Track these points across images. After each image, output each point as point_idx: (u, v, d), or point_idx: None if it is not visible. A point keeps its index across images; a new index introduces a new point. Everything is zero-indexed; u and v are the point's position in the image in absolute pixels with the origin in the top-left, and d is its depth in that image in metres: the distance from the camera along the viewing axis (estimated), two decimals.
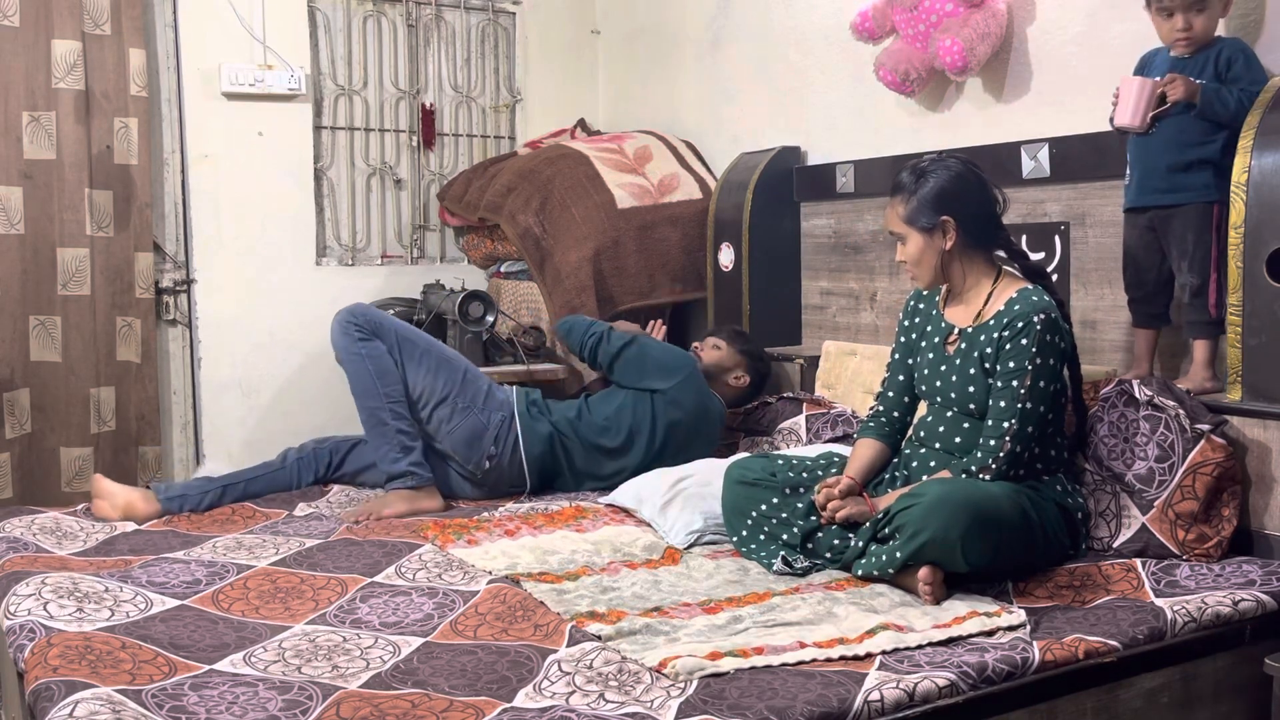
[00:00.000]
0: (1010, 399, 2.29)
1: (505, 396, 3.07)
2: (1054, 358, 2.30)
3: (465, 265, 4.55)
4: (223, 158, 4.08)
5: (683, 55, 4.28)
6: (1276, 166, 2.24)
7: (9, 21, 3.61)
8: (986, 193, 2.41)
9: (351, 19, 4.32)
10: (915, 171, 2.41)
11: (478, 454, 2.97)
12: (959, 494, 2.15)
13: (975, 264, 2.43)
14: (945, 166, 2.40)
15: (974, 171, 2.41)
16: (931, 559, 2.12)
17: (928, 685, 1.70)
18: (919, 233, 2.39)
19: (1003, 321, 2.33)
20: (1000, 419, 2.29)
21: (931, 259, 2.40)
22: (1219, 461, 2.27)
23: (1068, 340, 2.36)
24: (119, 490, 2.80)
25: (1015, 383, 2.29)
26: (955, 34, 2.90)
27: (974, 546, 2.10)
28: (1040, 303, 2.32)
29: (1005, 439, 2.27)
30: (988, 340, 2.35)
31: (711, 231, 3.78)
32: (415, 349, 3.01)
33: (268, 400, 4.19)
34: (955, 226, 2.37)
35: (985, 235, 2.41)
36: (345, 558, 2.40)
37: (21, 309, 3.66)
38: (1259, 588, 2.10)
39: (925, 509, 2.12)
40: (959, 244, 2.39)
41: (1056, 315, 2.32)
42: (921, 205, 2.37)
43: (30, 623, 1.92)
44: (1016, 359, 2.29)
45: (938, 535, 2.09)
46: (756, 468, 2.55)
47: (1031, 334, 2.28)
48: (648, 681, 1.72)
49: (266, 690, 1.71)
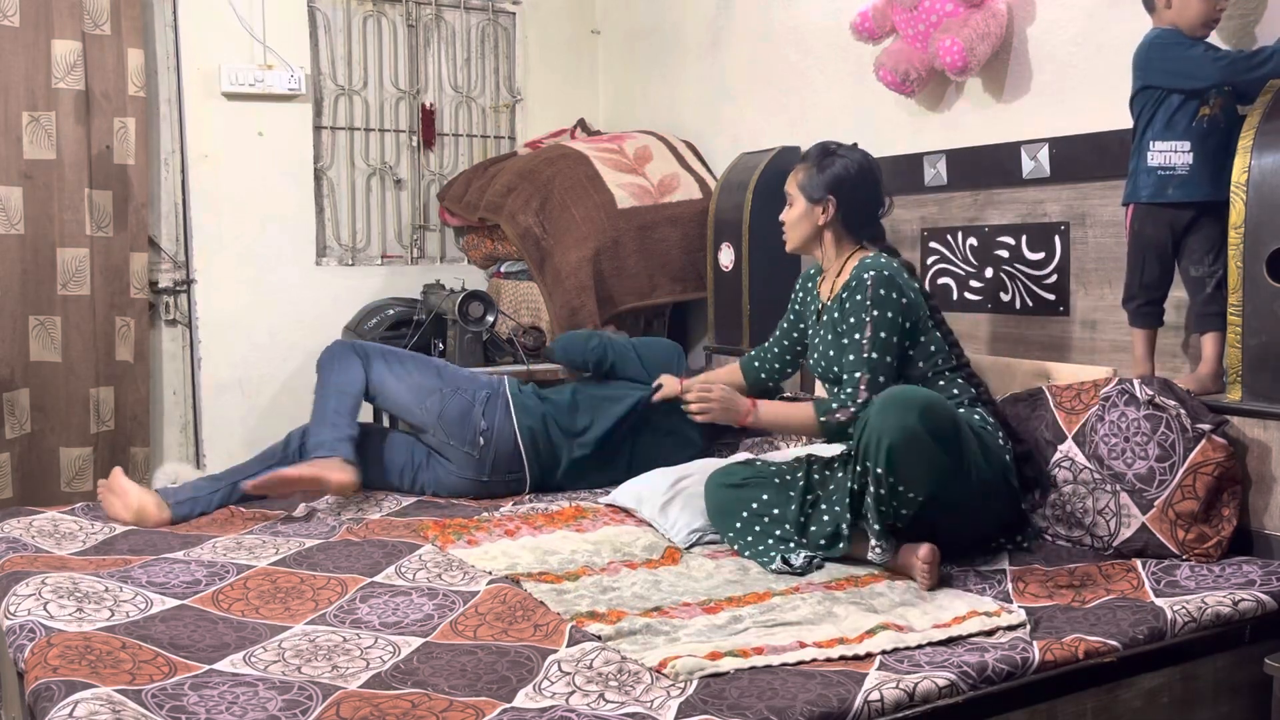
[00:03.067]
0: (856, 351, 2.45)
1: (492, 379, 3.14)
2: (891, 310, 2.44)
3: (465, 265, 4.55)
4: (223, 158, 4.08)
5: (683, 55, 4.28)
6: (1276, 166, 2.24)
7: (9, 21, 3.61)
8: (874, 191, 2.63)
9: (351, 19, 4.32)
10: (827, 150, 2.64)
11: (470, 430, 2.99)
12: (898, 392, 2.28)
13: (842, 246, 2.64)
14: (853, 158, 2.61)
15: (873, 169, 2.63)
16: (909, 460, 2.17)
17: (928, 685, 1.70)
18: (805, 201, 2.64)
19: (845, 288, 2.52)
20: (852, 370, 2.45)
21: (806, 227, 2.65)
22: (1220, 461, 2.27)
23: (909, 295, 2.48)
24: (134, 491, 2.76)
25: (858, 335, 2.46)
26: (955, 34, 2.90)
27: (939, 433, 2.19)
28: (873, 263, 2.49)
29: (860, 387, 2.42)
30: (836, 307, 2.55)
31: (711, 231, 3.78)
32: (401, 356, 3.12)
33: (268, 400, 4.19)
34: (835, 206, 2.60)
35: (858, 224, 2.63)
36: (345, 558, 2.40)
37: (21, 309, 3.66)
38: (1259, 588, 2.10)
39: (875, 414, 2.22)
40: (833, 223, 2.62)
41: (891, 273, 2.47)
42: (816, 179, 2.61)
43: (30, 623, 1.92)
44: (856, 314, 2.47)
45: (897, 428, 2.16)
46: (739, 471, 2.58)
47: (863, 289, 2.46)
48: (648, 681, 1.72)
49: (266, 690, 1.71)
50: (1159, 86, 2.40)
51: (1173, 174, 2.41)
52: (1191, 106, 2.39)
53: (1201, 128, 2.39)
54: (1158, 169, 2.42)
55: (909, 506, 2.23)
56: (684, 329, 4.23)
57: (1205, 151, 2.40)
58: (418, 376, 3.07)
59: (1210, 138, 2.39)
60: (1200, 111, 2.38)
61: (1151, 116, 2.42)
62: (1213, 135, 2.39)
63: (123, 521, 2.73)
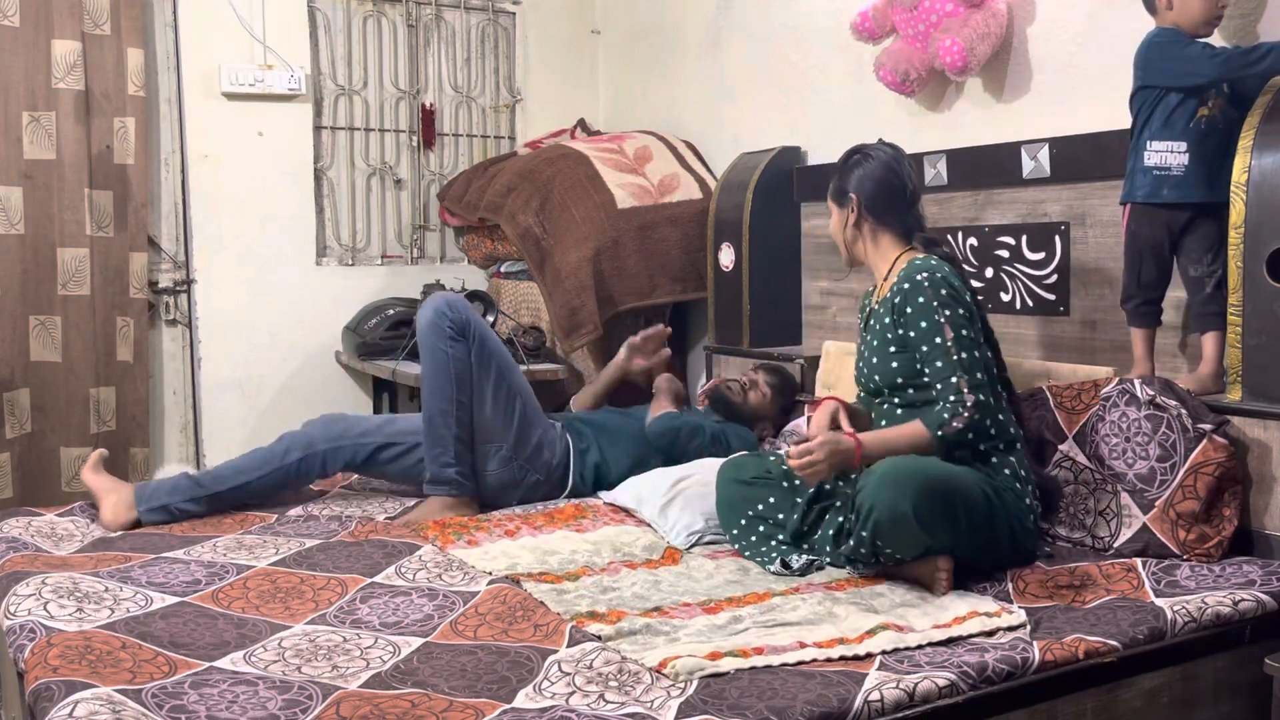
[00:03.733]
0: (942, 356, 2.31)
1: (550, 457, 2.98)
2: (961, 307, 2.35)
3: (465, 265, 4.55)
4: (223, 158, 4.08)
5: (683, 55, 4.28)
6: (1276, 166, 2.24)
7: (9, 21, 3.61)
8: (893, 174, 2.52)
9: (351, 19, 4.32)
10: (849, 153, 2.58)
11: (502, 501, 2.93)
12: (906, 465, 2.17)
13: (880, 241, 2.53)
14: (867, 152, 2.54)
15: (891, 155, 2.53)
16: (891, 536, 2.13)
17: (928, 685, 1.70)
18: (835, 207, 2.58)
19: (895, 291, 2.40)
20: (945, 377, 2.30)
21: (844, 235, 2.57)
22: (1220, 461, 2.26)
23: (968, 296, 2.39)
24: (106, 485, 2.74)
25: (938, 339, 2.32)
26: (955, 34, 2.90)
27: (929, 518, 2.11)
28: (924, 264, 2.39)
29: (964, 391, 2.28)
30: (886, 311, 2.42)
31: (711, 231, 3.78)
32: (488, 371, 2.92)
33: (268, 400, 4.19)
34: (857, 202, 2.51)
35: (886, 211, 2.52)
36: (345, 558, 2.40)
37: (21, 309, 3.66)
38: (1259, 588, 2.10)
39: (874, 485, 2.15)
40: (862, 220, 2.52)
41: (945, 274, 2.37)
42: (840, 183, 2.56)
43: (30, 623, 1.92)
44: (924, 317, 2.34)
45: (888, 508, 2.10)
46: (752, 466, 2.57)
47: (921, 290, 2.35)
48: (648, 682, 1.72)
49: (266, 689, 1.71)
50: (1157, 85, 2.40)
51: (1168, 174, 2.40)
52: (1190, 106, 2.38)
53: (1200, 128, 2.38)
54: (1154, 169, 2.41)
55: (891, 562, 2.22)
56: (684, 329, 4.23)
57: (1202, 153, 2.39)
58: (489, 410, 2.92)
59: (1208, 139, 2.38)
60: (1199, 112, 2.38)
61: (1149, 116, 2.42)
62: (1211, 136, 2.38)
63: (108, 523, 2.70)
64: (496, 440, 2.91)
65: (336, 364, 4.29)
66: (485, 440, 2.91)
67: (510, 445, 2.92)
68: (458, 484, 2.84)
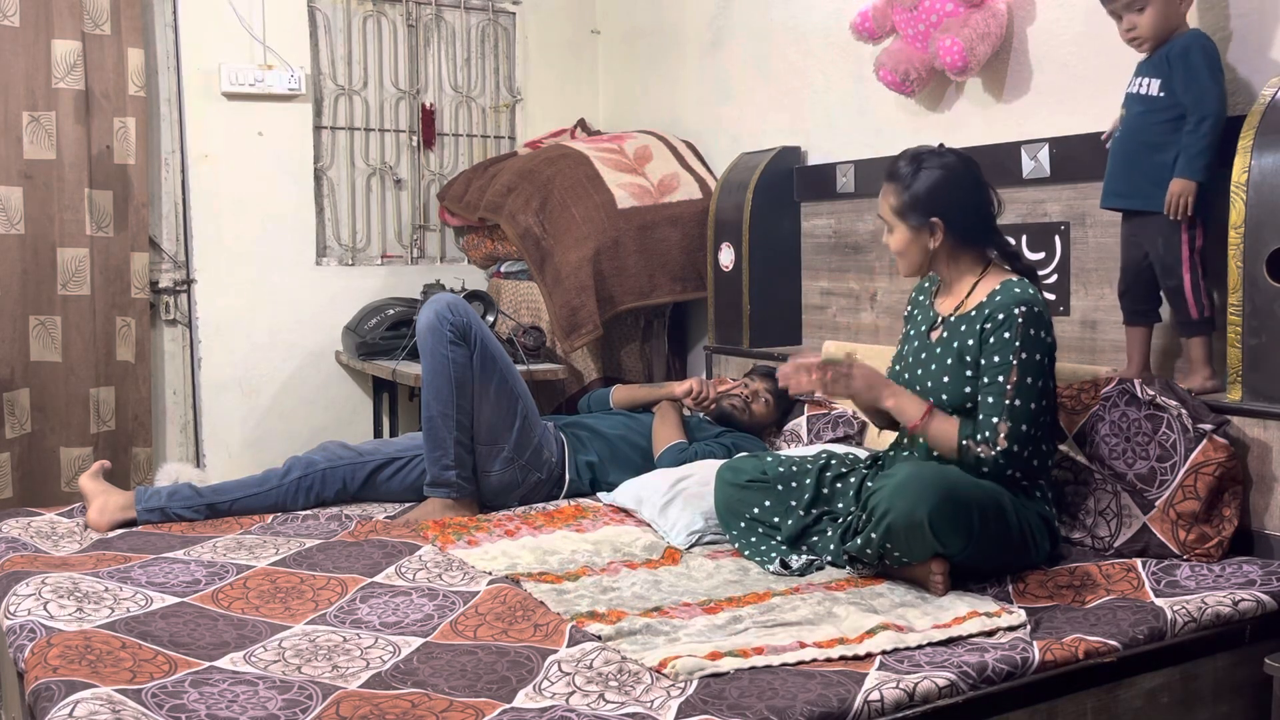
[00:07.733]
0: (998, 393, 2.23)
1: (550, 456, 3.00)
2: (1039, 352, 2.24)
3: (465, 265, 4.55)
4: (223, 158, 4.08)
5: (683, 55, 4.28)
6: (1276, 166, 2.24)
7: (9, 21, 3.61)
8: (981, 194, 2.36)
9: (351, 19, 4.32)
10: (913, 162, 2.35)
11: (501, 501, 2.95)
12: (928, 472, 2.13)
13: (962, 260, 2.39)
14: (942, 164, 2.33)
15: (971, 171, 2.36)
16: (903, 541, 2.11)
17: (928, 685, 1.70)
18: (907, 228, 2.35)
19: (984, 313, 2.28)
20: (991, 413, 2.23)
21: (915, 255, 2.38)
22: (1221, 461, 2.26)
23: (1052, 337, 2.30)
24: (102, 493, 2.73)
25: (1001, 378, 2.23)
26: (955, 34, 2.90)
27: (945, 527, 2.08)
28: (1024, 295, 2.26)
29: (1000, 435, 2.21)
30: (969, 331, 2.30)
31: (711, 231, 3.78)
32: (490, 374, 2.93)
33: (268, 400, 4.19)
34: (944, 228, 2.33)
35: (975, 236, 2.37)
36: (345, 558, 2.40)
37: (21, 309, 3.66)
38: (1259, 588, 2.10)
39: (892, 488, 2.11)
40: (946, 243, 2.35)
41: (1041, 310, 2.26)
42: (913, 202, 2.32)
43: (30, 623, 1.92)
44: (1001, 353, 2.24)
45: (904, 513, 2.08)
46: (748, 468, 2.55)
47: (1014, 326, 2.23)
48: (648, 681, 1.72)
49: (266, 689, 1.71)
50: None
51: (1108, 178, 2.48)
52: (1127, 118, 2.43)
53: (1117, 133, 2.41)
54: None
55: (897, 564, 2.21)
56: (684, 329, 4.23)
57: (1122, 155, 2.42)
58: (490, 413, 2.93)
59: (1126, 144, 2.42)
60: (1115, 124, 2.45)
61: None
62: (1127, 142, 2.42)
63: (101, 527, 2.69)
64: (499, 442, 2.92)
65: (336, 364, 4.29)
66: (488, 442, 2.92)
67: (512, 446, 2.93)
68: (457, 486, 2.85)
